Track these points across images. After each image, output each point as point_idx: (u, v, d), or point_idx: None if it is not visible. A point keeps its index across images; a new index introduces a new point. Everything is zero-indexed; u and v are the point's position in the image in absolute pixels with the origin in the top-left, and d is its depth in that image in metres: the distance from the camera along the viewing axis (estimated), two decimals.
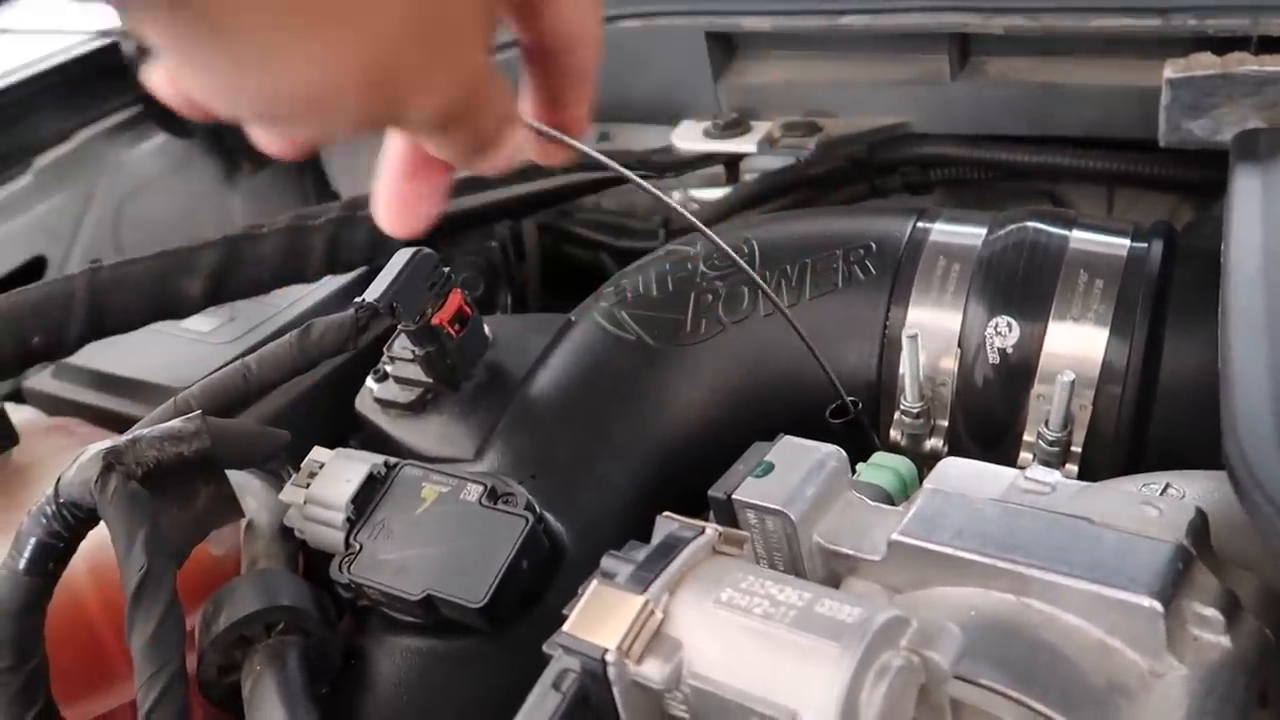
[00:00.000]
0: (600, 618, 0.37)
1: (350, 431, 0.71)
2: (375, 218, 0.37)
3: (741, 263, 0.56)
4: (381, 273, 0.59)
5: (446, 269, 0.61)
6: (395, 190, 0.37)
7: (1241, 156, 0.58)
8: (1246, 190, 0.54)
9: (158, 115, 1.16)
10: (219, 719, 0.53)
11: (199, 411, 0.53)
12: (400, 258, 0.59)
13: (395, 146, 0.37)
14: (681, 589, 0.37)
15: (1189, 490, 0.46)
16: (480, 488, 0.53)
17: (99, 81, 1.08)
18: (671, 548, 0.39)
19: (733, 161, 0.89)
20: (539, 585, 0.52)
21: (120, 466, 0.50)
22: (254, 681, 0.48)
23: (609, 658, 0.35)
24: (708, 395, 0.64)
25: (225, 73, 0.27)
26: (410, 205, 0.37)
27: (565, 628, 0.37)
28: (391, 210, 0.37)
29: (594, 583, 0.38)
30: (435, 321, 0.60)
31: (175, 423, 0.52)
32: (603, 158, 0.45)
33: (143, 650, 0.46)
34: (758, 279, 0.57)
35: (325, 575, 0.54)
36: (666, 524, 0.40)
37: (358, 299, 0.58)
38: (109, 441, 0.50)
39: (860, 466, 0.50)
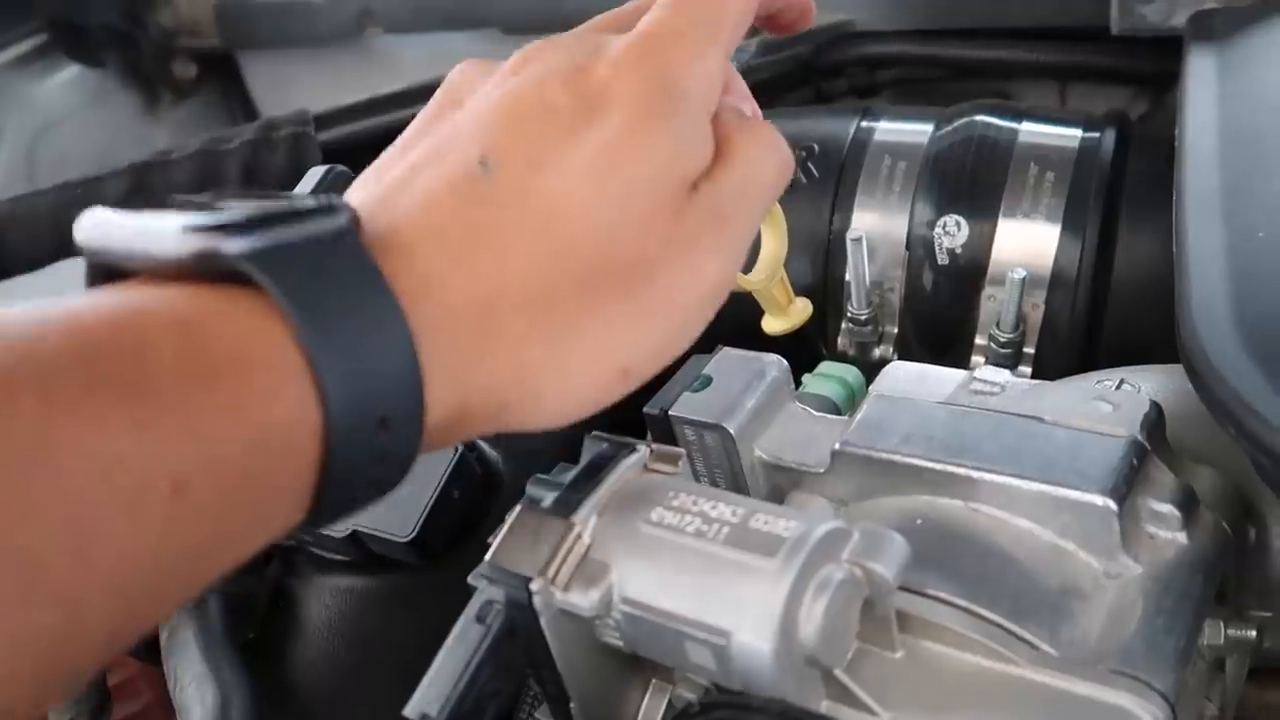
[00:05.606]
0: (525, 545, 0.34)
1: None
2: None
3: None
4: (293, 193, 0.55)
5: None
6: None
7: (1196, 37, 0.55)
8: (1201, 71, 0.51)
9: (67, 45, 1.09)
10: (144, 672, 0.50)
11: None
12: (312, 177, 0.55)
13: None
14: (610, 510, 0.35)
15: (1144, 385, 0.44)
16: None
17: None
18: (599, 468, 0.36)
19: None
20: (473, 516, 0.50)
21: None
22: (171, 631, 0.45)
23: (534, 586, 0.33)
24: None
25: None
26: None
27: (488, 557, 0.35)
28: None
29: (518, 509, 0.36)
30: None
31: None
32: None
33: None
34: None
35: None
36: (595, 444, 0.38)
37: None
38: None
39: (806, 377, 0.48)
